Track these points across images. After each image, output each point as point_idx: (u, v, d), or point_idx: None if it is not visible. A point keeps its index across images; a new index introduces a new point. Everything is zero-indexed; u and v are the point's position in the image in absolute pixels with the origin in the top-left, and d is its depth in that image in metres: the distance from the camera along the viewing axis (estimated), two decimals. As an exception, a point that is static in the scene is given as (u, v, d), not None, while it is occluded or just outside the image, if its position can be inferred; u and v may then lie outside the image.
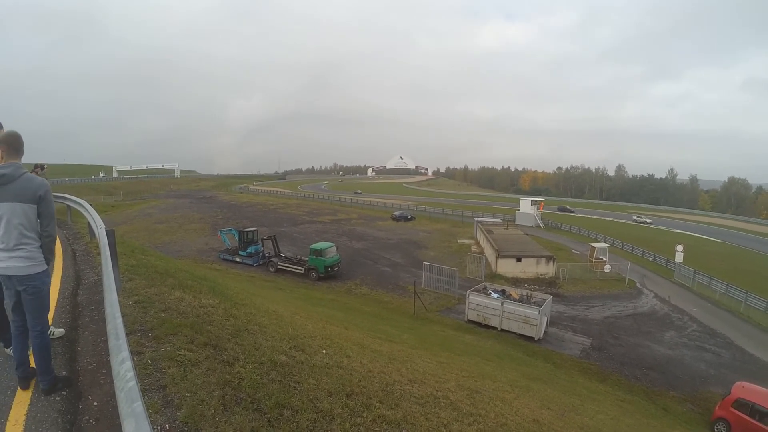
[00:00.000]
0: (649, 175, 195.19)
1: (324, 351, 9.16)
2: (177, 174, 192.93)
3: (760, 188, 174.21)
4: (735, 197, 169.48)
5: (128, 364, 3.50)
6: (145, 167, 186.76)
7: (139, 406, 2.92)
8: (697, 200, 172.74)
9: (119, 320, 4.36)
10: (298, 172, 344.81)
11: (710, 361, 26.87)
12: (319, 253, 39.06)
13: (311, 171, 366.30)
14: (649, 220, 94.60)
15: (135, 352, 5.42)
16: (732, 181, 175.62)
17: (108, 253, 7.27)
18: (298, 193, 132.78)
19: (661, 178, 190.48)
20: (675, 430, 17.17)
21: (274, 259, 41.82)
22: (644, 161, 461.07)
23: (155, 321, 6.70)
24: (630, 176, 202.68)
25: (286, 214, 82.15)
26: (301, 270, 39.85)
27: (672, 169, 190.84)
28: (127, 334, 4.68)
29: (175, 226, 65.23)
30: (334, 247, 41.37)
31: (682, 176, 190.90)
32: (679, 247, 45.49)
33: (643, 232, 79.64)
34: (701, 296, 39.63)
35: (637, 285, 41.64)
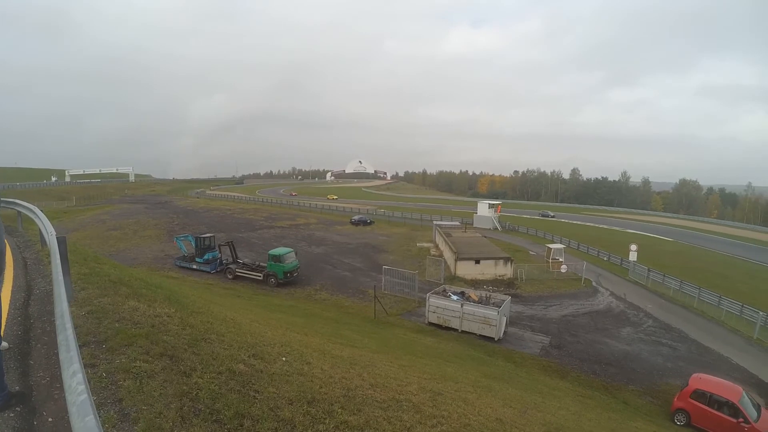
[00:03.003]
0: (602, 177, 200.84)
1: (284, 358, 9.09)
2: (132, 178, 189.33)
3: (710, 189, 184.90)
4: (686, 198, 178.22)
5: (80, 376, 3.41)
6: (98, 171, 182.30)
7: (91, 420, 2.83)
8: (650, 201, 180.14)
9: (70, 331, 4.25)
10: (257, 176, 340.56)
11: (667, 354, 27.88)
12: (277, 258, 38.69)
13: (270, 175, 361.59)
14: None
15: (89, 365, 5.30)
16: (683, 183, 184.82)
17: (59, 261, 7.11)
18: (256, 197, 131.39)
19: (614, 181, 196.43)
20: (635, 422, 17.63)
21: (232, 266, 41.26)
22: (602, 164, 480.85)
23: (109, 332, 6.54)
24: (584, 179, 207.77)
25: (244, 219, 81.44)
26: (259, 276, 39.40)
27: (625, 172, 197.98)
28: (81, 346, 4.57)
29: (129, 232, 63.82)
30: (293, 253, 41.00)
31: (635, 179, 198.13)
32: (633, 247, 47.06)
33: (598, 232, 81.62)
34: (656, 293, 41.30)
35: (593, 284, 42.78)
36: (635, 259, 46.91)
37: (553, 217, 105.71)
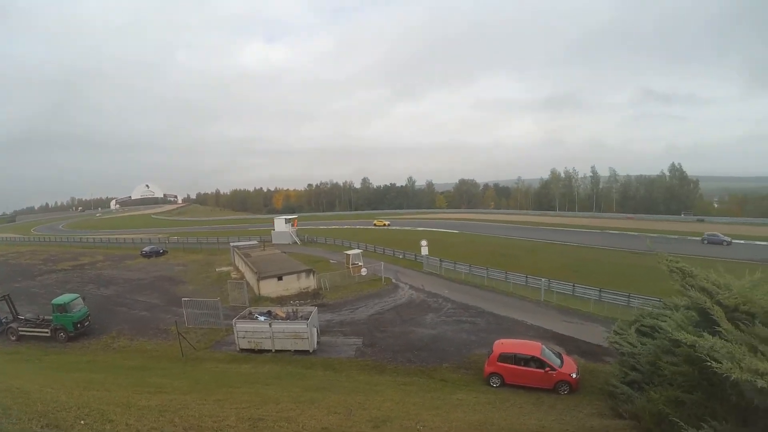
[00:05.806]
0: (391, 184, 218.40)
1: (83, 422, 8.45)
2: None
3: (486, 185, 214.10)
4: (466, 195, 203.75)
5: None
6: None
7: None
8: (435, 201, 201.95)
9: None
10: (30, 210, 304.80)
11: (469, 329, 30.99)
12: (62, 308, 34.12)
13: (46, 208, 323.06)
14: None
15: None
16: (462, 182, 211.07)
17: None
18: (32, 237, 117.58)
19: (402, 186, 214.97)
20: (457, 394, 19.39)
21: (13, 325, 35.35)
22: (390, 172, 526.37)
23: None
24: (374, 187, 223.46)
25: (20, 264, 72.56)
26: (46, 332, 34.34)
27: (411, 177, 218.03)
28: None
29: None
30: (80, 299, 36.44)
31: (420, 182, 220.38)
32: (423, 242, 51.82)
33: (391, 234, 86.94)
34: (450, 279, 46.18)
35: (393, 281, 45.92)
36: (427, 253, 51.30)
37: (729, 244, 68.07)
